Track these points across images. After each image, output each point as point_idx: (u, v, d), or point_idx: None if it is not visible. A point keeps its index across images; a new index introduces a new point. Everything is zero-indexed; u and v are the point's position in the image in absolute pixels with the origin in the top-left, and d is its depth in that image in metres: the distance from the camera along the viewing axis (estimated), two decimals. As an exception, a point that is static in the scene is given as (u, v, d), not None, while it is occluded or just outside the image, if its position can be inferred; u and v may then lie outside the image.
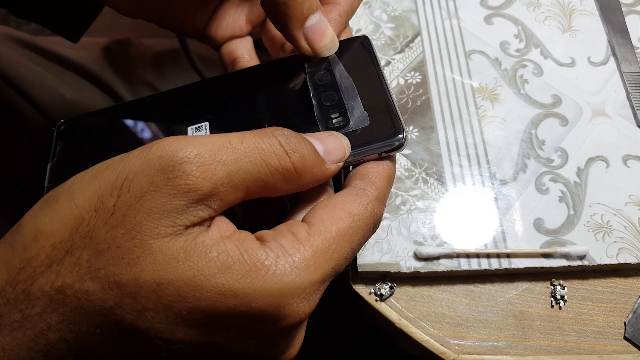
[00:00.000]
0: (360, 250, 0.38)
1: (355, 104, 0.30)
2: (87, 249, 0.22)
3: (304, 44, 0.30)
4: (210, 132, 0.31)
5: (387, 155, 0.29)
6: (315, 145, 0.26)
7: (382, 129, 0.29)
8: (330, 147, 0.27)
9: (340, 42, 0.32)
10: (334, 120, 0.29)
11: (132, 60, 0.67)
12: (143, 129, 0.33)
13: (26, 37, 0.64)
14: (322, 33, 0.30)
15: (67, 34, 0.42)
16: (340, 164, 0.27)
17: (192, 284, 0.22)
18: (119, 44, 0.67)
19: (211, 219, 0.24)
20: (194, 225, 0.23)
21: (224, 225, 0.24)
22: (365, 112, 0.29)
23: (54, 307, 0.22)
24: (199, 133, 0.31)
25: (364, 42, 0.33)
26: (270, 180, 0.24)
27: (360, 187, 0.27)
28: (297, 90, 0.32)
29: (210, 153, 0.23)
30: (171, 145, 0.23)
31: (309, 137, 0.27)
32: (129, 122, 0.33)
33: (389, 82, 0.31)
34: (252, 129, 0.30)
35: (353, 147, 0.28)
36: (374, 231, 0.27)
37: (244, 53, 0.37)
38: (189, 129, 0.31)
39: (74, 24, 0.42)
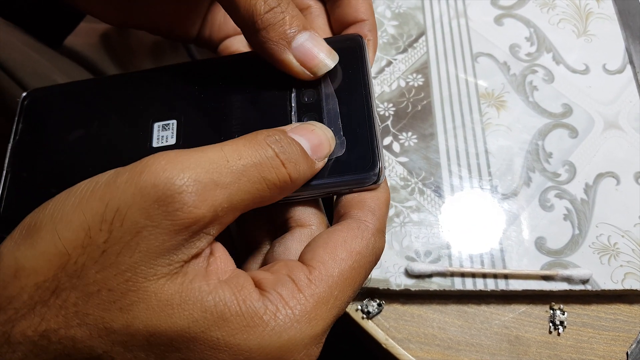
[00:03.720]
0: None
1: (335, 128, 0.27)
2: (75, 290, 0.20)
3: (297, 66, 0.27)
4: (177, 132, 0.29)
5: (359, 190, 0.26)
6: (302, 144, 0.25)
7: (357, 160, 0.26)
8: (316, 143, 0.25)
9: (331, 42, 0.29)
10: None
11: (131, 49, 0.65)
12: (112, 114, 0.30)
13: (22, 21, 0.62)
14: (318, 46, 0.27)
15: (49, 40, 0.40)
16: (326, 159, 0.26)
17: (186, 336, 0.20)
18: (118, 32, 0.66)
19: (209, 244, 0.23)
20: (192, 259, 0.22)
21: (221, 264, 0.23)
22: (344, 137, 0.27)
23: (37, 353, 0.20)
24: (165, 132, 0.29)
25: (357, 47, 0.30)
26: (267, 194, 0.23)
27: (360, 219, 0.25)
28: (275, 93, 0.29)
29: (208, 176, 0.21)
30: (165, 171, 0.20)
31: (294, 134, 0.25)
32: (99, 103, 0.31)
33: (374, 100, 0.28)
34: (221, 134, 0.28)
35: (322, 178, 0.26)
36: (375, 265, 0.25)
37: (240, 48, 0.35)
38: (156, 125, 0.29)
39: (55, 30, 0.40)
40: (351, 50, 0.29)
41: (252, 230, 0.29)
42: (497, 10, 0.47)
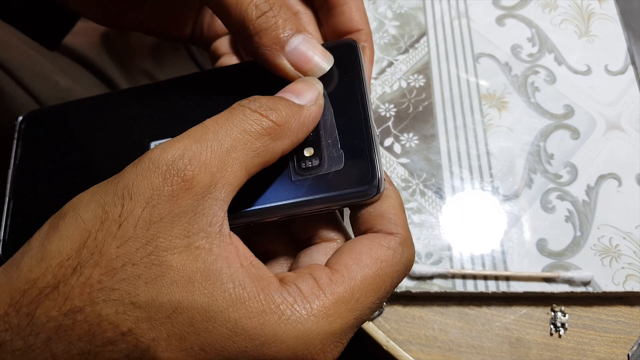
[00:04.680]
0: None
1: (332, 141, 0.26)
2: (98, 266, 0.21)
3: (291, 70, 0.27)
4: None
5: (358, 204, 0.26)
6: (286, 96, 0.25)
7: (356, 175, 0.25)
8: (301, 90, 0.26)
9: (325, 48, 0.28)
10: (307, 160, 0.26)
11: (131, 48, 0.65)
12: (109, 134, 0.30)
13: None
14: (313, 49, 0.27)
15: (44, 42, 0.40)
16: (321, 102, 0.26)
17: (205, 315, 0.21)
18: (118, 31, 0.65)
19: (223, 211, 0.23)
20: (211, 229, 0.22)
21: (243, 251, 0.23)
22: (342, 150, 0.26)
23: (61, 334, 0.20)
24: None
25: (351, 53, 0.28)
26: (259, 145, 0.23)
27: (385, 230, 0.25)
28: None
29: (195, 145, 0.22)
30: (158, 149, 0.22)
31: (278, 93, 0.26)
32: (95, 123, 0.31)
33: (371, 109, 0.28)
34: None
35: (321, 193, 0.25)
36: (404, 276, 0.25)
37: (229, 48, 0.35)
38: (152, 144, 0.29)
39: (51, 32, 0.40)
40: (346, 56, 0.28)
41: (271, 242, 0.29)
42: (498, 11, 0.47)
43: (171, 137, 0.28)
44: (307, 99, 0.26)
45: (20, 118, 0.32)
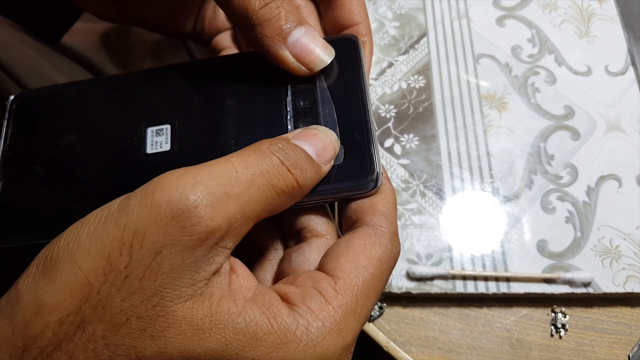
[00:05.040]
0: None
1: None
2: (102, 322, 0.19)
3: (292, 62, 0.27)
4: (172, 137, 0.28)
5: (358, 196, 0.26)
6: (307, 150, 0.24)
7: (355, 168, 0.26)
8: (320, 147, 0.25)
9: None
10: None
11: (131, 49, 0.65)
12: (104, 118, 0.29)
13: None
14: (314, 41, 0.27)
15: (46, 36, 0.40)
16: (332, 162, 0.26)
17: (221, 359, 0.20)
18: (118, 31, 0.65)
19: (227, 258, 0.22)
20: (213, 276, 0.21)
21: (244, 281, 0.22)
22: (341, 145, 0.26)
23: None
24: (159, 137, 0.28)
25: (352, 48, 0.29)
26: (277, 202, 0.23)
27: (375, 225, 0.25)
28: (271, 97, 0.28)
29: (220, 188, 0.21)
30: (178, 187, 0.20)
31: (297, 140, 0.25)
32: (90, 107, 0.30)
33: (370, 103, 0.28)
34: (217, 139, 0.28)
35: (320, 184, 0.25)
36: (392, 269, 0.26)
37: (230, 43, 0.35)
38: (149, 130, 0.28)
39: (53, 27, 0.39)
40: (346, 51, 0.29)
41: (261, 235, 0.28)
42: (498, 11, 0.47)
43: (167, 125, 0.28)
44: (324, 159, 0.25)
45: (12, 97, 0.31)
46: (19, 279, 0.21)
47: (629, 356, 0.35)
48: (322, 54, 0.27)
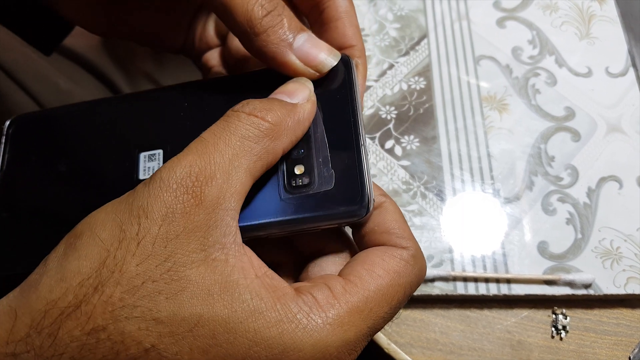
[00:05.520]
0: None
1: (323, 159, 0.26)
2: (119, 285, 0.21)
3: (300, 66, 0.27)
4: (164, 162, 0.28)
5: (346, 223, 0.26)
6: (277, 97, 0.26)
7: (345, 194, 0.25)
8: (292, 90, 0.26)
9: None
10: (297, 179, 0.26)
11: (132, 51, 0.65)
12: (98, 143, 0.29)
13: (23, 22, 0.62)
14: (318, 46, 0.27)
15: (40, 47, 0.40)
16: (314, 99, 0.26)
17: (226, 326, 0.21)
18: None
19: (234, 220, 0.23)
20: (225, 239, 0.22)
21: (256, 262, 0.23)
22: (332, 170, 0.26)
23: (85, 353, 0.20)
24: (151, 163, 0.28)
25: (345, 69, 0.28)
26: (260, 149, 0.24)
27: (396, 243, 0.25)
28: None
29: (199, 160, 0.22)
30: (167, 168, 0.23)
31: (269, 96, 0.26)
32: (85, 131, 0.30)
33: (363, 127, 0.27)
34: None
35: (310, 213, 0.25)
36: (417, 288, 0.26)
37: (219, 61, 0.35)
38: (141, 155, 0.28)
39: (47, 38, 0.40)
40: (339, 72, 0.28)
41: (275, 253, 0.29)
42: (499, 13, 0.47)
43: (159, 149, 0.29)
44: (299, 97, 0.26)
45: (8, 122, 0.31)
46: (48, 256, 0.23)
47: (629, 358, 0.35)
48: (328, 57, 0.27)
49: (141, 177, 0.28)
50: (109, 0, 0.32)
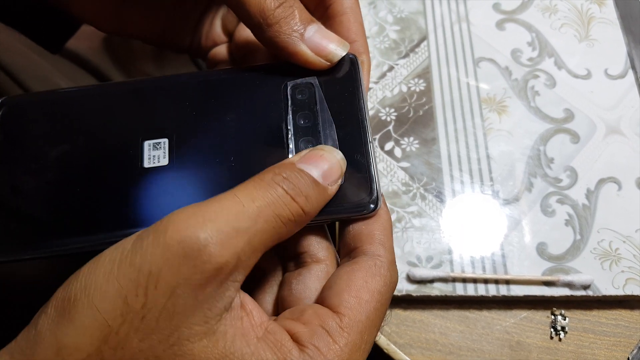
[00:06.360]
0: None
1: None
2: None
3: (312, 55, 0.27)
4: (169, 152, 0.27)
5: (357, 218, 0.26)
6: (312, 173, 0.25)
7: (355, 189, 0.26)
8: (326, 169, 0.25)
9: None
10: None
11: (133, 52, 0.65)
12: (98, 129, 0.28)
13: (24, 24, 0.62)
14: (328, 37, 0.28)
15: (47, 45, 0.40)
16: (339, 182, 0.26)
17: None
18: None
19: (237, 291, 0.23)
20: (226, 311, 0.22)
21: (256, 318, 0.23)
22: None
23: None
24: (157, 152, 0.27)
25: (351, 67, 0.29)
26: (284, 231, 0.23)
27: (374, 254, 0.25)
28: (271, 114, 0.28)
29: (228, 225, 0.21)
30: (188, 227, 0.21)
31: (302, 164, 0.25)
32: (84, 116, 0.29)
33: (369, 124, 0.28)
34: (216, 156, 0.27)
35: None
36: (391, 298, 0.26)
37: (227, 56, 0.36)
38: (146, 143, 0.28)
39: (54, 36, 0.40)
40: (345, 70, 0.29)
41: (261, 258, 0.29)
42: (498, 15, 0.47)
43: (165, 138, 0.28)
44: (331, 179, 0.25)
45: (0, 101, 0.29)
46: (38, 318, 0.21)
47: (628, 358, 0.35)
48: (338, 48, 0.28)
49: (145, 165, 0.27)
50: (119, 1, 0.33)
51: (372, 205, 0.25)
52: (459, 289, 0.36)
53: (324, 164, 0.25)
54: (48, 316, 0.21)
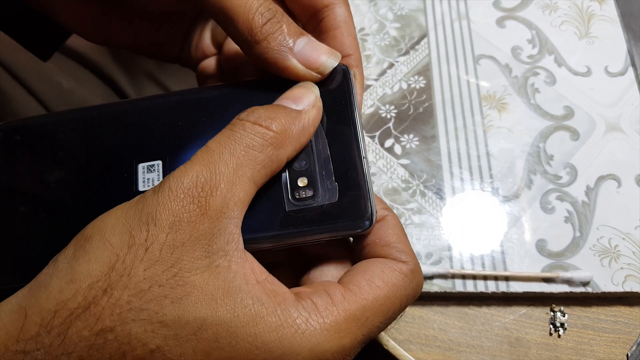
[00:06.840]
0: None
1: (326, 172, 0.26)
2: (127, 288, 0.22)
3: (302, 69, 0.27)
4: (163, 173, 0.27)
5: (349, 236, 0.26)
6: (284, 103, 0.26)
7: (349, 207, 0.25)
8: (297, 95, 0.26)
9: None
10: (300, 191, 0.26)
11: (134, 51, 0.66)
12: (93, 152, 0.28)
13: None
14: (318, 49, 0.28)
15: (37, 52, 0.41)
16: (319, 105, 0.27)
17: (228, 330, 0.22)
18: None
19: (237, 227, 0.24)
20: (228, 246, 0.23)
21: (257, 267, 0.24)
22: (336, 183, 0.26)
23: (93, 353, 0.21)
24: (150, 174, 0.28)
25: (343, 80, 0.28)
26: (264, 157, 0.24)
27: (396, 257, 0.26)
28: None
29: (204, 170, 0.23)
30: (175, 177, 0.23)
31: (275, 102, 0.27)
32: (79, 139, 0.29)
33: (364, 138, 0.27)
34: None
35: (315, 225, 0.25)
36: (412, 301, 0.27)
37: (215, 70, 0.36)
38: (140, 166, 0.28)
39: (44, 43, 0.40)
40: (338, 82, 0.28)
41: (277, 254, 0.29)
42: (499, 12, 0.47)
43: (158, 160, 0.28)
44: (304, 103, 0.26)
45: None
46: (57, 257, 0.23)
47: (627, 355, 0.35)
48: (329, 59, 0.28)
49: (141, 188, 0.27)
50: (104, 11, 0.33)
51: (367, 222, 0.25)
52: (459, 286, 0.36)
53: (293, 94, 0.27)
54: (66, 253, 0.23)
